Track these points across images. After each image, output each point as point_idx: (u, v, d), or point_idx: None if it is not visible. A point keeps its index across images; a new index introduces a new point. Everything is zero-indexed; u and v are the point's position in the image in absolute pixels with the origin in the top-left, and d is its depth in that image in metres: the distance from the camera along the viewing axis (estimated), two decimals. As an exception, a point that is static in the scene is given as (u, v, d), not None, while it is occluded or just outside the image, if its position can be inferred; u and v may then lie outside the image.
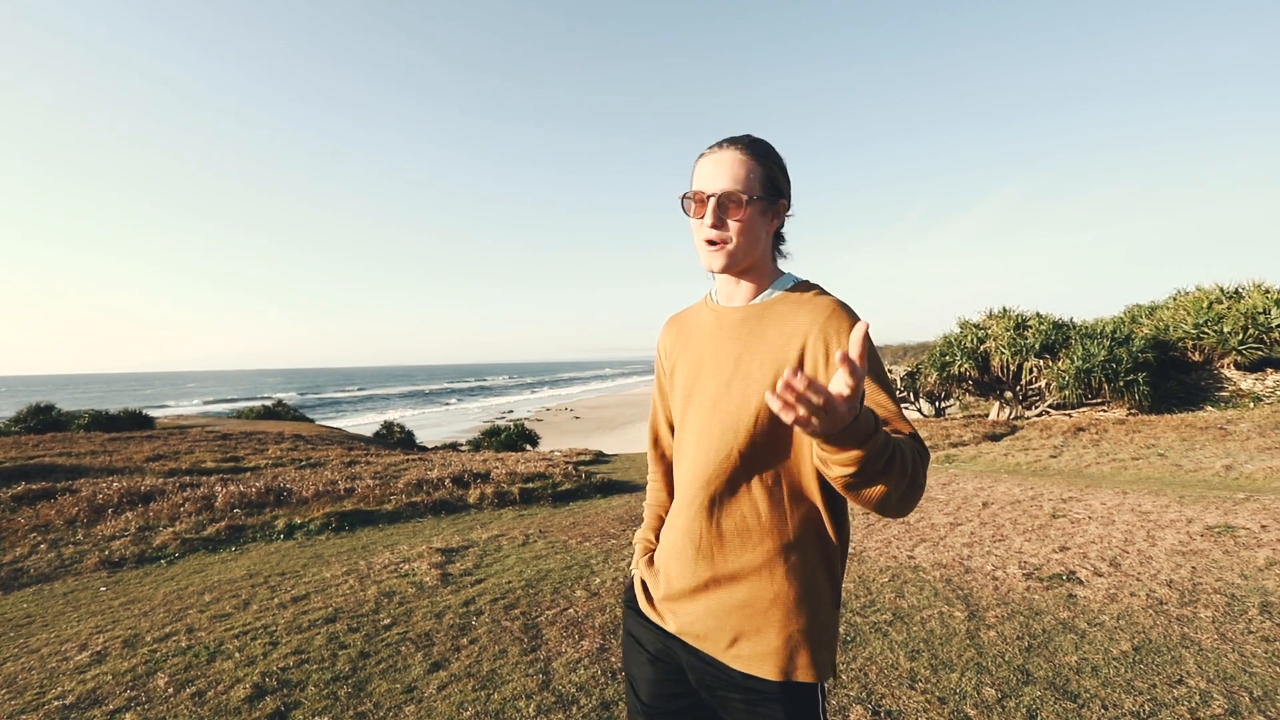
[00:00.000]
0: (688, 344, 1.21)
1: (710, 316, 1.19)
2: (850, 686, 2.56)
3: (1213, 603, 3.24)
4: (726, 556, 1.08)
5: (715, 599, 1.09)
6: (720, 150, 1.10)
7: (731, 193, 1.06)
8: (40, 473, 9.32)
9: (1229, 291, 13.01)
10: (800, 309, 1.08)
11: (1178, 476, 7.26)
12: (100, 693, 2.74)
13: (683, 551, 1.13)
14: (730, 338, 1.13)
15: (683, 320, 1.27)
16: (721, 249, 1.09)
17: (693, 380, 1.17)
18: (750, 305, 1.14)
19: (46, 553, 5.40)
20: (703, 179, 1.09)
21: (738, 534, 1.08)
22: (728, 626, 1.07)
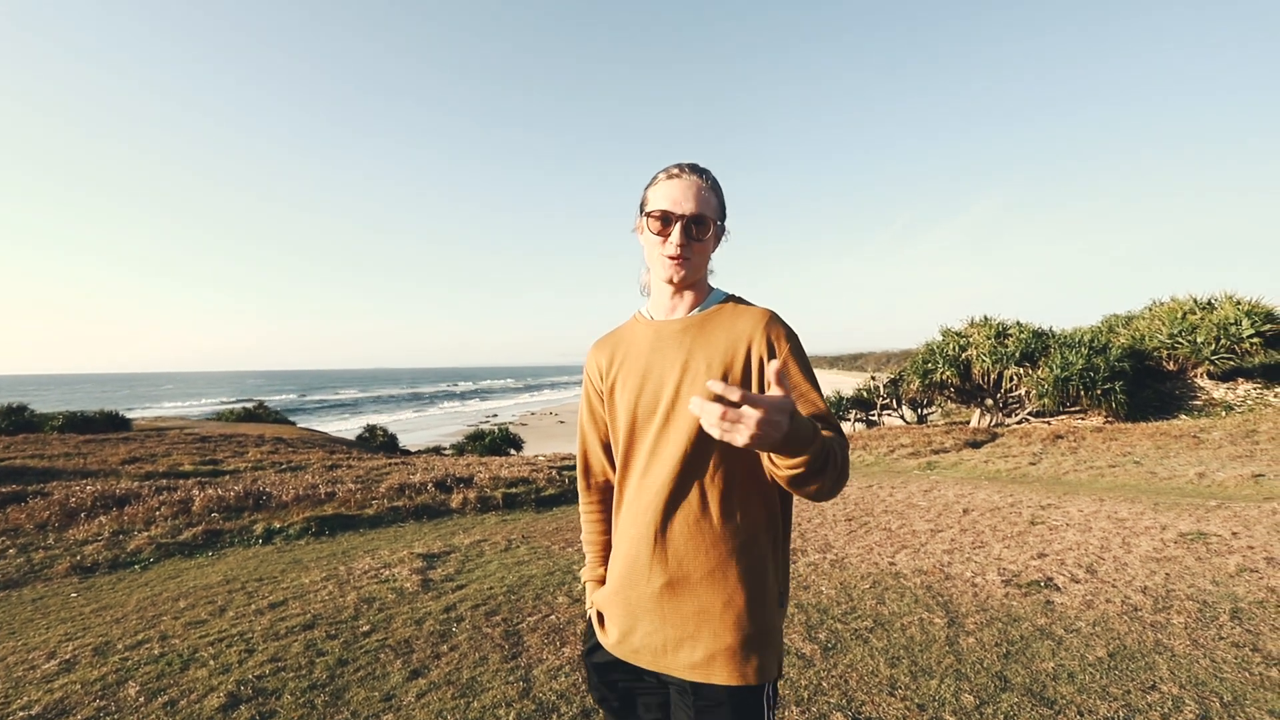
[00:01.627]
0: (627, 360, 1.23)
1: (648, 331, 1.24)
2: (831, 694, 2.57)
3: (1185, 609, 3.30)
4: (682, 563, 1.11)
5: (671, 607, 1.11)
6: (685, 176, 1.18)
7: (702, 216, 1.16)
8: (10, 475, 9.10)
9: (1202, 303, 13.30)
10: (739, 316, 1.18)
11: (1152, 484, 7.39)
12: (68, 702, 2.68)
13: (636, 563, 1.15)
14: (673, 347, 1.19)
15: (616, 340, 1.29)
16: (683, 265, 1.17)
17: (638, 393, 1.19)
18: (690, 316, 1.22)
19: (15, 558, 5.26)
20: (669, 200, 1.16)
21: (692, 538, 1.11)
22: (683, 636, 1.10)
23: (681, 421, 1.12)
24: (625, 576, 1.17)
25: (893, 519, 5.82)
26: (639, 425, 1.18)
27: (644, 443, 1.17)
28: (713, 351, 1.15)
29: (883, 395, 19.25)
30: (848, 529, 5.50)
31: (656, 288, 1.25)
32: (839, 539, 5.14)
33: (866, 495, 7.17)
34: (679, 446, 1.12)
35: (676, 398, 1.14)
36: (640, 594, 1.14)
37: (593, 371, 1.31)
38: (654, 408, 1.17)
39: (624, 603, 1.17)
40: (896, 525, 5.56)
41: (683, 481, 1.12)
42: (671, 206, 1.15)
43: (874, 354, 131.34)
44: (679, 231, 1.15)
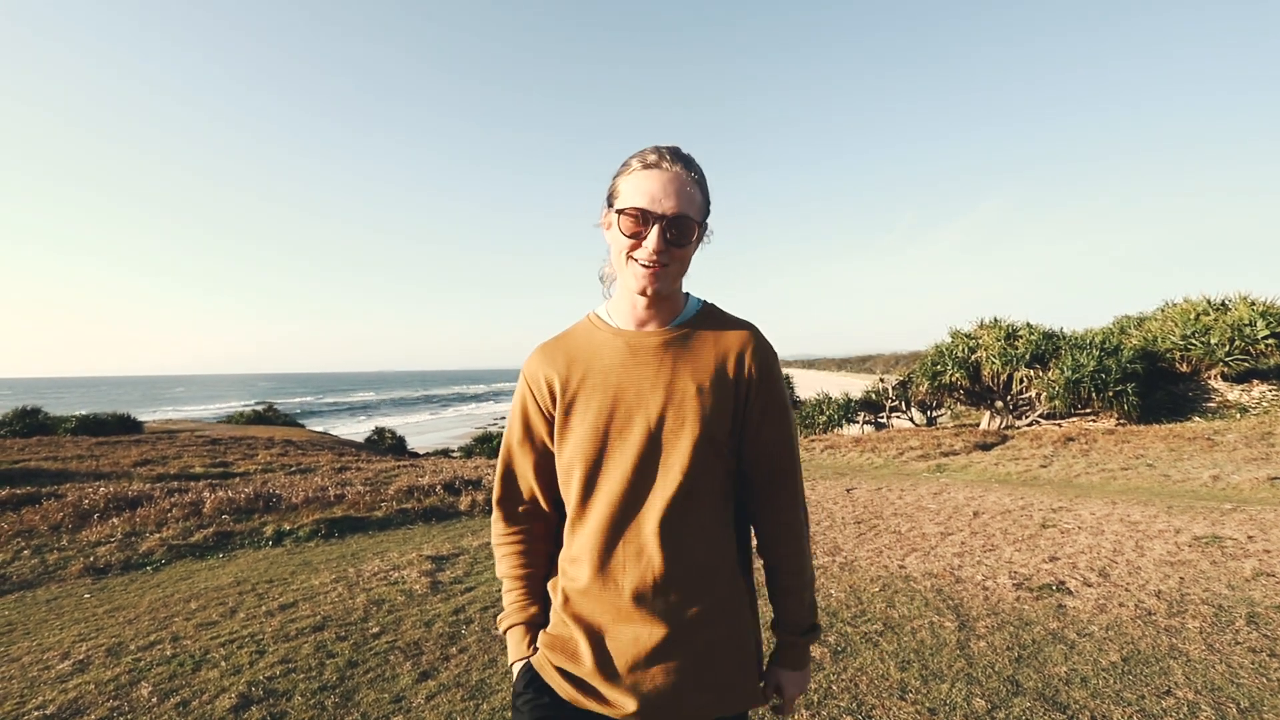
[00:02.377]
0: (590, 374, 1.07)
1: (618, 343, 1.08)
2: (841, 697, 2.55)
3: (1200, 613, 3.26)
4: (685, 599, 1.01)
5: (678, 650, 1.00)
6: (666, 166, 1.01)
7: (684, 216, 1.00)
8: (25, 477, 9.21)
9: (1216, 304, 13.17)
10: (723, 331, 1.09)
11: (1166, 487, 7.31)
12: (82, 702, 2.70)
13: (626, 606, 1.01)
14: (652, 364, 1.05)
15: (570, 348, 1.11)
16: (661, 274, 1.01)
17: (608, 414, 1.04)
18: (671, 329, 1.08)
19: (30, 559, 5.32)
20: (647, 196, 0.99)
21: (691, 572, 1.01)
22: (693, 675, 1.01)
23: (674, 448, 1.01)
24: (610, 620, 1.02)
25: (902, 522, 5.79)
26: (610, 451, 1.03)
27: (617, 471, 1.02)
28: (701, 373, 1.04)
29: (891, 397, 19.16)
30: (857, 532, 5.47)
31: (625, 295, 1.08)
32: (848, 542, 5.12)
33: (876, 498, 7.13)
34: (673, 477, 1.00)
35: (663, 421, 1.02)
36: (638, 646, 1.00)
37: (540, 385, 1.10)
38: (632, 432, 1.02)
39: (618, 656, 1.01)
40: (906, 528, 5.52)
41: (679, 514, 1.00)
42: (649, 204, 0.98)
43: (882, 355, 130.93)
44: (656, 236, 0.98)
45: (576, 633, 1.04)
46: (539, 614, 1.12)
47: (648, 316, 1.08)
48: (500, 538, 1.17)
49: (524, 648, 1.10)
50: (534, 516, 1.17)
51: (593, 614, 1.03)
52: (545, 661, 1.06)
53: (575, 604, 1.05)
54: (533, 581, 1.14)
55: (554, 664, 1.05)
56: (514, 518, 1.16)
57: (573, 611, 1.05)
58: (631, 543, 1.01)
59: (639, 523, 1.01)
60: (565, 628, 1.06)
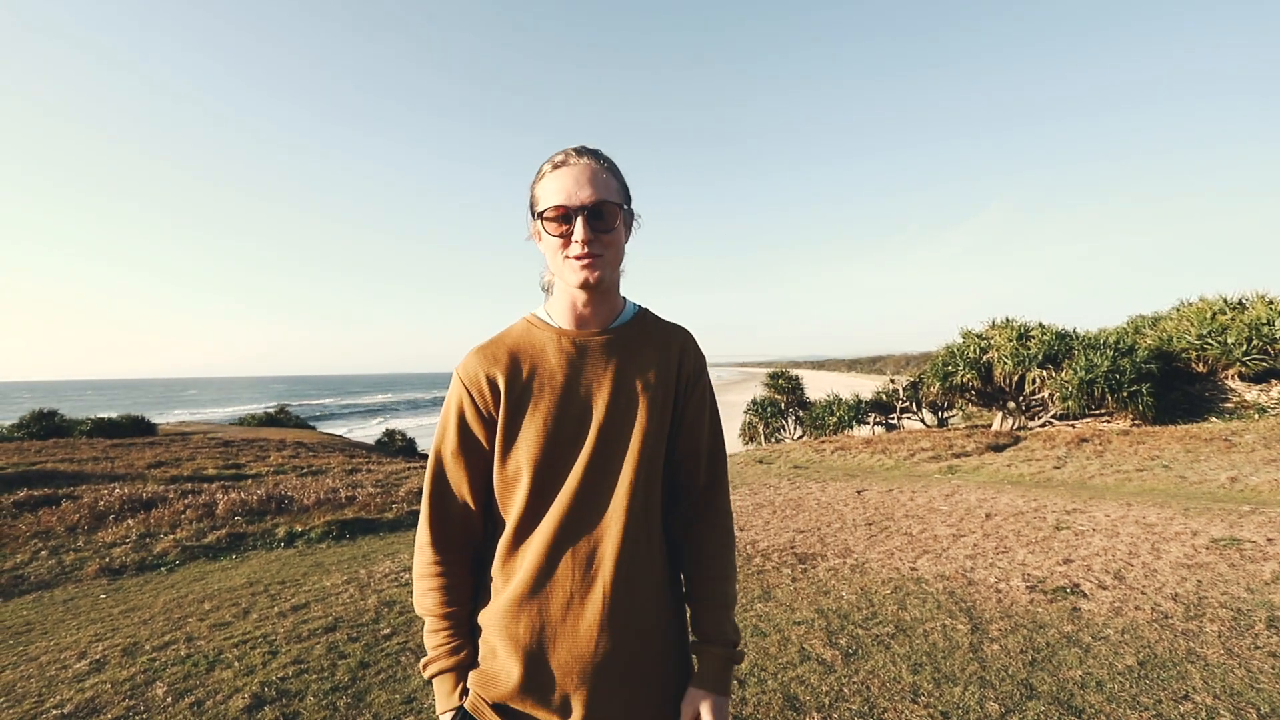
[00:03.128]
0: (537, 375, 1.04)
1: (563, 342, 1.06)
2: (852, 700, 2.54)
3: (1219, 617, 3.22)
4: (638, 611, 0.99)
5: (623, 666, 0.97)
6: (573, 162, 1.01)
7: (604, 202, 0.99)
8: (42, 479, 9.33)
9: (1233, 302, 12.98)
10: (662, 332, 1.11)
11: (1182, 488, 7.22)
12: (99, 701, 2.73)
13: (578, 622, 0.96)
14: (599, 363, 1.05)
15: (514, 347, 1.07)
16: (596, 263, 1.00)
17: (559, 415, 1.02)
18: (613, 330, 1.08)
19: (47, 559, 5.40)
20: (562, 193, 0.99)
21: (641, 583, 1.00)
22: (638, 692, 0.99)
23: (625, 446, 1.01)
24: (563, 644, 0.96)
25: (914, 524, 5.75)
26: (560, 454, 1.00)
27: (569, 475, 1.00)
28: (644, 369, 1.05)
29: (902, 398, 19.04)
30: (868, 534, 5.44)
31: (565, 294, 1.06)
32: (859, 544, 5.09)
33: (887, 500, 7.08)
34: (625, 477, 0.99)
35: (613, 418, 1.02)
36: (583, 665, 0.96)
37: (482, 388, 1.03)
38: (583, 431, 1.01)
39: (563, 675, 0.96)
40: (918, 530, 5.48)
41: (632, 517, 0.99)
42: (566, 200, 0.98)
43: (893, 356, 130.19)
44: (581, 226, 0.98)
45: (511, 658, 0.97)
46: (469, 656, 1.02)
47: (589, 316, 1.07)
48: (426, 567, 1.04)
49: (455, 697, 1.00)
50: (465, 542, 1.07)
51: (530, 635, 0.97)
52: (479, 702, 0.98)
53: (510, 626, 0.98)
54: (460, 620, 1.04)
55: (489, 701, 0.98)
56: (445, 544, 1.05)
57: (508, 634, 0.98)
58: (581, 553, 0.98)
59: (591, 532, 0.98)
60: (497, 656, 0.99)
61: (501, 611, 0.99)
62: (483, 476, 1.06)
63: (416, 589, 1.06)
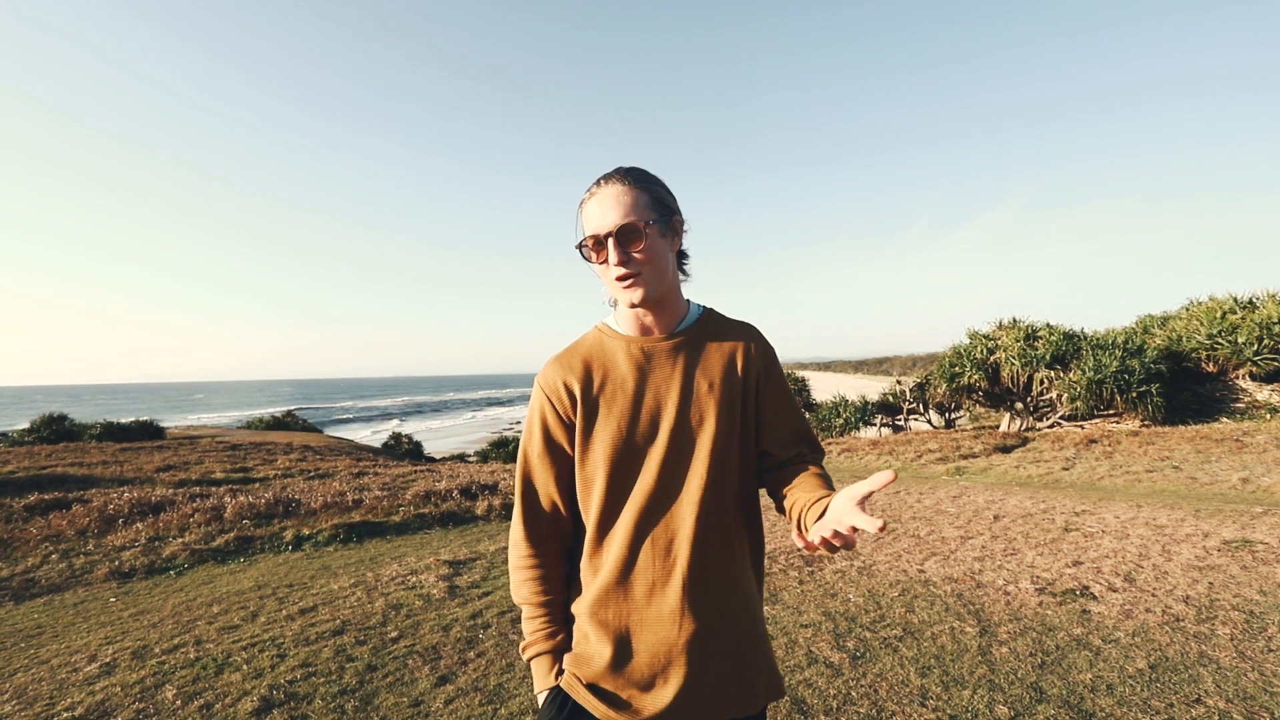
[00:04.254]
0: (609, 381, 1.11)
1: (631, 348, 1.13)
2: (860, 703, 2.53)
3: (1231, 619, 3.19)
4: (718, 599, 1.05)
5: (705, 650, 1.04)
6: (600, 189, 1.08)
7: (627, 225, 1.05)
8: (52, 483, 9.41)
9: (1243, 301, 12.88)
10: (729, 332, 1.17)
11: (1193, 490, 7.16)
12: (109, 704, 2.75)
13: (660, 610, 1.04)
14: (666, 368, 1.11)
15: (586, 358, 1.14)
16: (636, 281, 1.06)
17: (632, 419, 1.09)
18: (677, 334, 1.14)
19: (58, 563, 5.44)
20: (593, 222, 1.07)
21: (723, 569, 1.06)
22: (721, 674, 1.05)
23: (695, 445, 1.07)
24: (637, 624, 1.04)
25: (921, 525, 5.72)
26: (635, 454, 1.08)
27: (644, 474, 1.07)
28: (712, 371, 1.11)
29: (909, 400, 18.97)
30: (875, 536, 5.41)
31: (625, 307, 1.14)
32: (866, 545, 5.07)
33: (894, 501, 7.06)
34: (699, 475, 1.06)
35: (683, 422, 1.08)
36: (670, 645, 1.03)
37: (561, 395, 1.12)
38: (655, 432, 1.08)
39: (651, 656, 1.04)
40: (925, 532, 5.46)
41: (705, 510, 1.05)
42: (596, 228, 1.06)
43: (899, 357, 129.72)
44: (613, 250, 1.05)
45: (602, 642, 1.05)
46: (564, 640, 1.11)
47: (651, 324, 1.14)
48: (522, 559, 1.14)
49: (551, 677, 1.09)
50: (555, 535, 1.14)
51: (619, 621, 1.05)
52: (574, 681, 1.06)
53: (600, 613, 1.06)
54: (555, 608, 1.13)
55: (584, 681, 1.05)
56: (537, 538, 1.13)
57: (598, 621, 1.06)
58: (659, 544, 1.05)
59: (667, 525, 1.05)
60: (589, 641, 1.07)
61: (591, 601, 1.07)
62: (567, 476, 1.13)
63: (514, 580, 1.15)
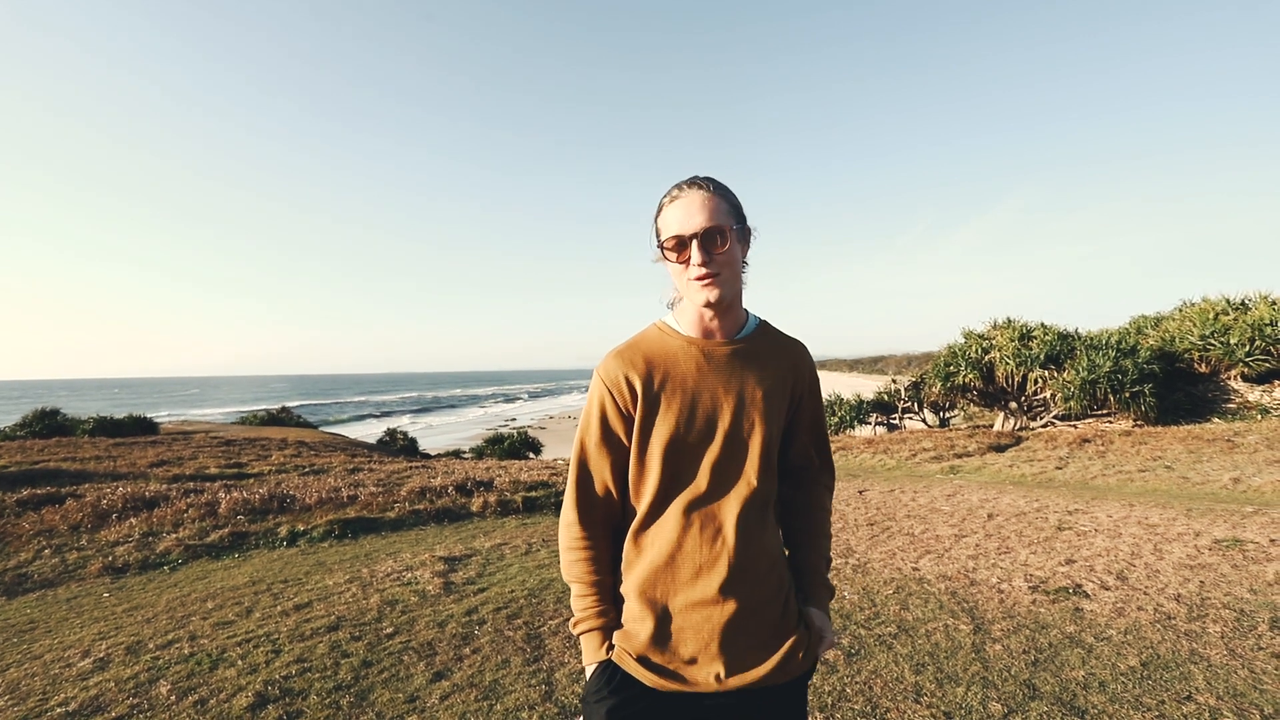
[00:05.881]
0: (670, 378, 1.16)
1: (693, 350, 1.18)
2: (855, 700, 2.54)
3: (1222, 618, 3.21)
4: (757, 585, 1.14)
5: (749, 625, 1.13)
6: (685, 193, 1.14)
7: (713, 228, 1.11)
8: (45, 477, 9.35)
9: (1235, 303, 12.96)
10: (781, 346, 1.25)
11: (1185, 489, 7.21)
12: (103, 700, 2.74)
13: (705, 594, 1.11)
14: (724, 371, 1.18)
15: (648, 354, 1.19)
16: (715, 282, 1.12)
17: (689, 415, 1.15)
18: (739, 340, 1.21)
19: (50, 558, 5.41)
20: (677, 224, 1.12)
21: (761, 559, 1.15)
22: (762, 647, 1.13)
23: (746, 448, 1.16)
24: (684, 601, 1.12)
25: (915, 524, 5.74)
26: (690, 451, 1.15)
27: (699, 467, 1.15)
28: (766, 380, 1.19)
29: (904, 398, 19.03)
30: (869, 533, 5.44)
31: (692, 308, 1.19)
32: (860, 543, 5.09)
33: (888, 500, 7.08)
34: (749, 476, 1.15)
35: (737, 423, 1.16)
36: (713, 623, 1.12)
37: (622, 387, 1.16)
38: (710, 432, 1.15)
39: (695, 632, 1.12)
40: (919, 530, 5.48)
41: (749, 508, 1.14)
42: (681, 229, 1.12)
43: (894, 356, 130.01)
44: (697, 250, 1.10)
45: (650, 618, 1.12)
46: (614, 618, 1.18)
47: (715, 328, 1.19)
48: (574, 541, 1.19)
49: (601, 651, 1.15)
50: (606, 520, 1.21)
51: (666, 599, 1.13)
52: (624, 654, 1.13)
53: (649, 592, 1.13)
54: (605, 587, 1.19)
55: (633, 655, 1.13)
56: (589, 522, 1.19)
57: (646, 598, 1.13)
58: (707, 533, 1.12)
59: (714, 516, 1.13)
60: (638, 618, 1.14)
61: (640, 579, 1.15)
62: (621, 465, 1.19)
63: (564, 559, 1.21)
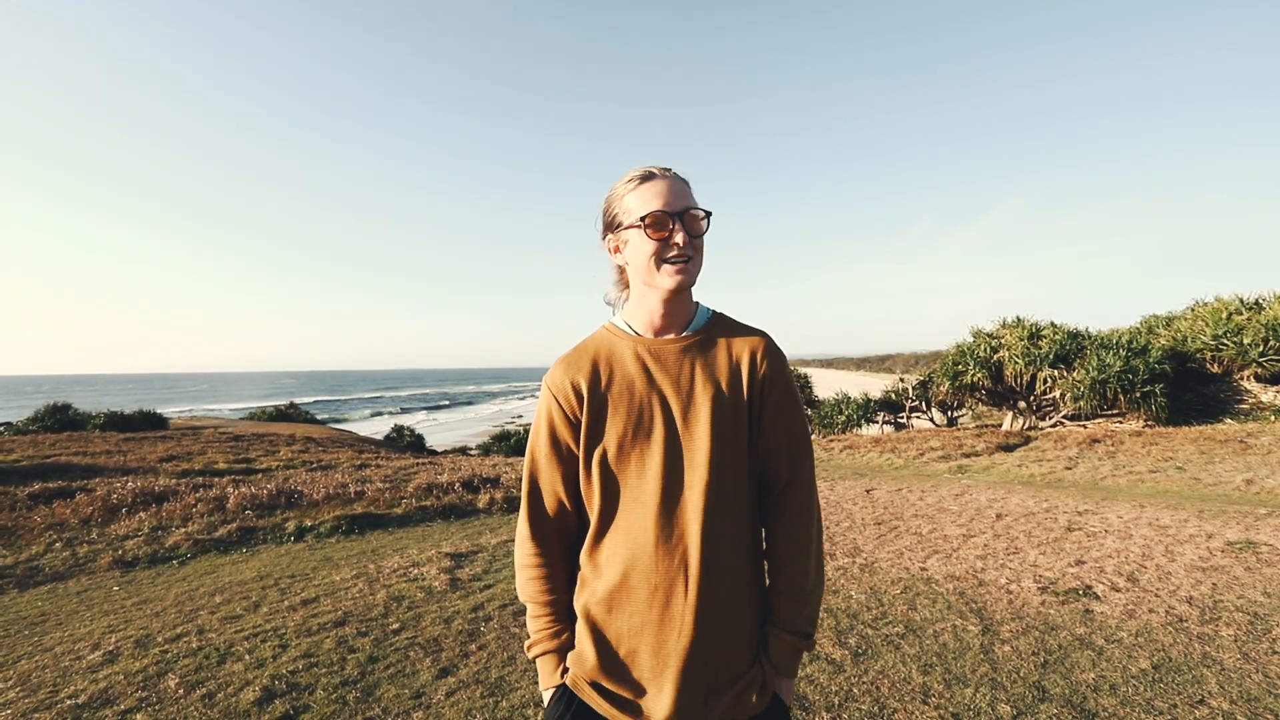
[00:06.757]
0: (616, 380, 1.10)
1: (638, 348, 1.12)
2: (862, 700, 2.52)
3: (1235, 621, 3.18)
4: (722, 600, 1.04)
5: (709, 652, 1.03)
6: (660, 176, 1.10)
7: (696, 210, 1.08)
8: (56, 471, 9.44)
9: (1249, 302, 12.81)
10: (739, 337, 1.15)
11: (1196, 490, 7.14)
12: (112, 692, 2.76)
13: (665, 611, 1.02)
14: (674, 369, 1.11)
15: (594, 356, 1.13)
16: (688, 267, 1.08)
17: (636, 417, 1.08)
18: (687, 335, 1.14)
19: (61, 551, 5.45)
20: (661, 199, 1.07)
21: (722, 575, 1.04)
22: (724, 677, 1.04)
23: (699, 448, 1.06)
24: (649, 630, 1.03)
25: (923, 523, 5.71)
26: (639, 455, 1.07)
27: (647, 474, 1.06)
28: (719, 373, 1.10)
29: (912, 397, 18.94)
30: (877, 533, 5.41)
31: (641, 303, 1.13)
32: (868, 543, 5.06)
33: (896, 499, 7.05)
34: (702, 476, 1.04)
35: (689, 423, 1.07)
36: (669, 650, 1.02)
37: (568, 394, 1.10)
38: (660, 435, 1.07)
39: (650, 659, 1.03)
40: (927, 530, 5.45)
41: (712, 515, 1.04)
42: (666, 205, 1.06)
43: (902, 355, 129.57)
44: (681, 229, 1.06)
45: (603, 643, 1.06)
46: (569, 639, 1.12)
47: (665, 324, 1.13)
48: (528, 558, 1.14)
49: (556, 675, 1.10)
50: (561, 534, 1.15)
51: (620, 618, 1.05)
52: (579, 680, 1.07)
53: (602, 613, 1.06)
54: (560, 607, 1.13)
55: (588, 680, 1.06)
56: (543, 538, 1.13)
57: (600, 621, 1.06)
58: (664, 548, 1.03)
59: (673, 528, 1.04)
60: (591, 640, 1.06)
61: (594, 599, 1.07)
62: (574, 476, 1.13)
63: (519, 578, 1.15)
